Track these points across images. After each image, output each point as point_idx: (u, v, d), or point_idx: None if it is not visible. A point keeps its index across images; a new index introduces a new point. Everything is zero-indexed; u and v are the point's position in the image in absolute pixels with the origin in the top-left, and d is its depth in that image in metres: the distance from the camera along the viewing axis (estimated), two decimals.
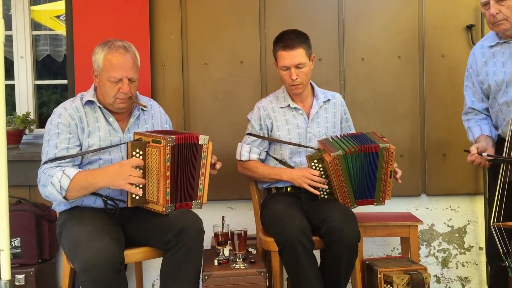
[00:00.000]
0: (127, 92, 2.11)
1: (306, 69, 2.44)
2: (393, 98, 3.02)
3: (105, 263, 1.85)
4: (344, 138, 2.42)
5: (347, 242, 2.16)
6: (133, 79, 2.14)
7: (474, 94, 2.40)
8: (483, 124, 2.37)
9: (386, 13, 3.01)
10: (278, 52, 2.46)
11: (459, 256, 3.13)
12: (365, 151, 2.32)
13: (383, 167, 2.34)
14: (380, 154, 2.32)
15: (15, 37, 3.19)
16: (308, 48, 2.46)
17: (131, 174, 1.95)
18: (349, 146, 2.32)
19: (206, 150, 2.08)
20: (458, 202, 3.11)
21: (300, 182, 2.38)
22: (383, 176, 2.35)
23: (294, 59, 2.41)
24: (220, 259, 2.26)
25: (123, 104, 2.15)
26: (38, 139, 3.19)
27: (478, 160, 2.21)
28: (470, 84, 2.41)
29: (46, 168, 2.06)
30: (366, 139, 2.39)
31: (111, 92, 2.12)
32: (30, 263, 2.75)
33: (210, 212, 2.78)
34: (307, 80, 2.48)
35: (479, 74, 2.34)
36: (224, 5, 2.99)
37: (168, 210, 2.03)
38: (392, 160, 2.33)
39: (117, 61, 2.10)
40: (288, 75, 2.43)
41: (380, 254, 3.13)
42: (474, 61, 2.36)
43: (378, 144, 2.32)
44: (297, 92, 2.49)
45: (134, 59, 2.15)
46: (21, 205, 2.84)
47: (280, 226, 2.19)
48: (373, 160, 2.33)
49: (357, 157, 2.33)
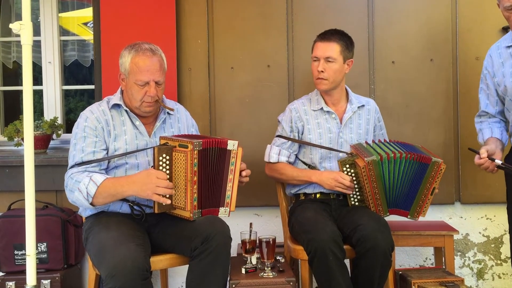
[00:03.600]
0: (154, 95, 2.08)
1: (336, 66, 2.38)
2: (426, 102, 2.93)
3: (132, 269, 1.81)
4: (387, 143, 2.35)
5: (380, 251, 2.08)
6: (160, 82, 2.11)
7: (488, 97, 2.34)
8: (494, 127, 2.31)
9: (417, 15, 2.93)
10: (314, 44, 2.44)
11: (495, 267, 3.00)
12: (416, 159, 2.25)
13: (428, 182, 2.25)
14: (429, 167, 2.24)
15: (44, 42, 3.22)
16: (346, 48, 2.41)
17: (158, 185, 1.92)
18: (388, 152, 2.24)
19: (235, 156, 2.03)
20: (494, 211, 2.99)
21: (330, 184, 2.31)
22: (425, 191, 2.26)
23: (326, 50, 2.37)
24: (248, 267, 2.20)
25: (150, 107, 2.12)
26: (66, 144, 3.20)
27: (486, 165, 2.13)
28: (485, 87, 2.36)
29: (73, 173, 2.04)
30: (416, 149, 2.32)
31: (138, 96, 2.09)
32: (56, 268, 2.74)
33: (236, 219, 2.73)
34: (334, 78, 2.40)
35: (496, 75, 2.27)
36: (251, 9, 2.95)
37: (196, 216, 1.99)
38: (439, 178, 2.25)
39: (144, 64, 2.07)
40: (316, 66, 2.39)
41: (412, 265, 3.02)
42: (490, 62, 2.30)
43: (431, 156, 2.24)
44: (321, 88, 2.42)
45: (161, 62, 2.12)
46: (47, 209, 2.84)
47: (310, 234, 2.12)
48: (420, 171, 2.25)
49: (402, 164, 2.25)
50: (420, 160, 2.24)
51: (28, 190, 1.88)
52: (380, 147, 2.30)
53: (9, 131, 2.98)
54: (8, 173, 2.93)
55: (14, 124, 3.00)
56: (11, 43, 3.38)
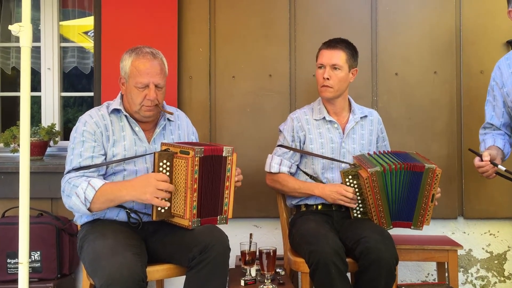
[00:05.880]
0: (153, 98, 2.04)
1: (342, 74, 2.35)
2: (429, 114, 2.89)
3: (128, 279, 1.74)
4: (384, 155, 2.31)
5: (385, 264, 2.01)
6: (160, 85, 2.07)
7: (495, 109, 2.33)
8: (498, 138, 2.30)
9: (421, 27, 2.91)
10: (320, 52, 2.42)
11: (499, 284, 2.93)
12: (409, 169, 2.20)
13: (426, 189, 2.20)
14: (424, 175, 2.19)
15: (43, 48, 3.19)
16: (351, 57, 2.39)
17: (158, 187, 1.87)
18: (389, 163, 2.20)
19: (230, 162, 1.98)
20: (497, 227, 2.93)
21: (333, 198, 2.26)
22: (425, 199, 2.21)
23: (332, 58, 2.34)
24: (247, 279, 2.15)
25: (150, 112, 2.08)
26: (63, 152, 3.15)
27: (487, 168, 2.12)
28: (491, 99, 2.35)
29: (70, 177, 1.98)
30: (409, 158, 2.28)
31: (137, 99, 2.05)
32: (49, 278, 2.67)
33: (235, 230, 2.68)
34: (339, 87, 2.37)
35: (505, 85, 2.26)
36: (254, 17, 2.93)
37: (195, 225, 1.93)
38: (436, 183, 2.20)
39: (144, 66, 2.04)
40: (321, 74, 2.36)
41: (414, 280, 2.95)
42: (499, 74, 2.30)
43: (424, 164, 2.20)
44: (325, 95, 2.38)
45: (162, 65, 2.08)
46: (42, 217, 2.77)
47: (312, 245, 2.06)
48: (416, 180, 2.21)
49: (398, 175, 2.20)
50: (413, 169, 2.20)
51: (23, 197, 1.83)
52: (382, 159, 2.26)
53: (5, 137, 2.94)
54: (3, 180, 2.88)
55: (10, 130, 2.95)
56: (10, 49, 3.35)
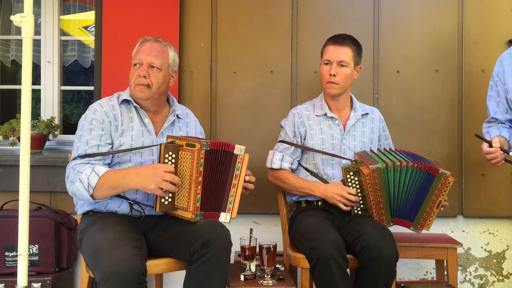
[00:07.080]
0: (143, 74, 2.04)
1: (348, 71, 2.35)
2: (430, 113, 2.89)
3: (128, 273, 1.73)
4: (391, 152, 2.30)
5: (385, 261, 2.01)
6: (154, 64, 2.07)
7: (498, 105, 2.33)
8: (503, 130, 2.30)
9: (423, 25, 2.91)
10: (326, 47, 2.40)
11: (497, 283, 2.94)
12: (422, 169, 2.19)
13: (434, 194, 2.19)
14: (436, 179, 2.18)
15: (43, 41, 3.17)
16: (357, 54, 2.39)
17: (164, 178, 1.87)
18: (394, 160, 2.19)
19: (241, 161, 1.99)
20: (496, 226, 2.94)
21: (334, 200, 2.26)
22: (431, 203, 2.20)
23: (339, 54, 2.33)
24: (247, 275, 2.14)
25: (141, 92, 2.06)
26: (62, 145, 3.14)
27: (496, 155, 2.10)
28: (494, 94, 2.34)
29: (75, 164, 1.98)
30: (424, 159, 2.26)
31: (132, 78, 2.08)
32: (47, 272, 2.66)
33: (234, 226, 2.65)
34: (344, 83, 2.36)
35: (506, 82, 2.25)
36: (256, 13, 2.92)
37: (197, 218, 1.93)
38: (446, 191, 2.19)
39: (144, 47, 2.10)
40: (328, 70, 2.34)
41: (412, 278, 2.95)
42: (501, 69, 2.29)
43: (438, 168, 2.19)
44: (331, 92, 2.37)
45: (164, 49, 2.11)
46: (41, 211, 2.76)
47: (312, 241, 2.06)
48: (427, 182, 2.19)
49: (409, 173, 2.19)
50: (427, 170, 2.19)
51: (22, 190, 1.82)
52: (386, 156, 2.26)
53: (4, 130, 2.92)
54: (2, 173, 2.86)
55: (10, 122, 2.93)
56: (11, 42, 3.33)
